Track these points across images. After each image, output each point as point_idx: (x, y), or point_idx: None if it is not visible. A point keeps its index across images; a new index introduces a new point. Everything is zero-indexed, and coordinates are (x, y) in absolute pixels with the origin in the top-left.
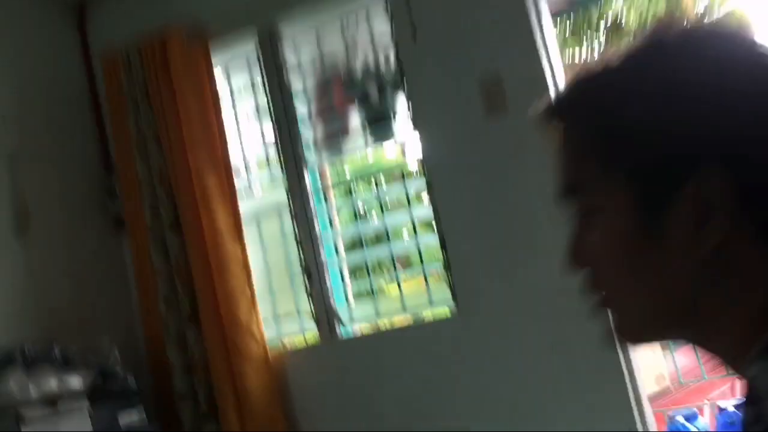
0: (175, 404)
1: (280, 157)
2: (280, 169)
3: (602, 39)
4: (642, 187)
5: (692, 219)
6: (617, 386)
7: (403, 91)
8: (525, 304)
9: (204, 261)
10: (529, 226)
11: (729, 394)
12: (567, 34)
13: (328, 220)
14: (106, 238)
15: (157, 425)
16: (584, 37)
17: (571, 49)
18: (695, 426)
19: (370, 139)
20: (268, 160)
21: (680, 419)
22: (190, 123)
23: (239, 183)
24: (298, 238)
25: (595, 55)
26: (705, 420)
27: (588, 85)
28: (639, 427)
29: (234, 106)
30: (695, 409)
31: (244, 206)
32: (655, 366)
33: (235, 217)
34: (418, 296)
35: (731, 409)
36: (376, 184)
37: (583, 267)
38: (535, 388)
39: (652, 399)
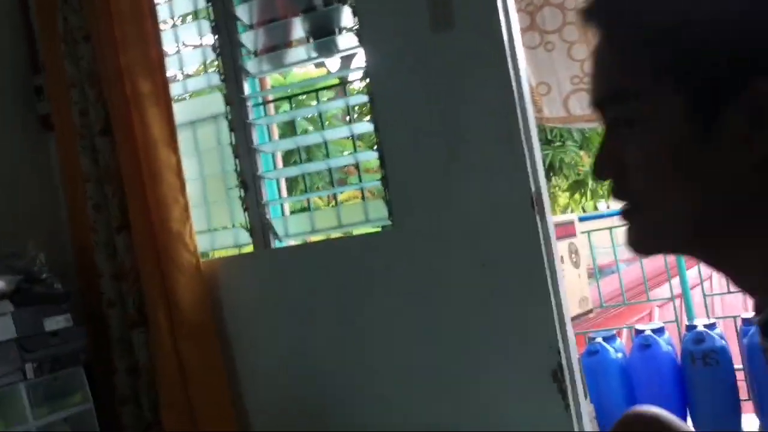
0: (103, 310)
1: (219, 64)
2: (218, 77)
3: None
4: (696, 94)
5: (746, 124)
6: (542, 305)
7: (350, 3)
8: (460, 222)
9: (135, 167)
10: (468, 145)
11: (647, 319)
12: None
13: (267, 132)
14: (33, 140)
15: (84, 330)
16: None
17: None
18: (612, 347)
19: (313, 52)
20: (206, 66)
21: (599, 340)
22: (123, 23)
23: (175, 88)
24: (235, 149)
25: None
26: (622, 341)
27: None
28: (560, 345)
29: (172, 9)
30: (614, 332)
31: (180, 113)
32: (579, 290)
33: (169, 123)
34: (354, 211)
35: (648, 332)
36: (317, 98)
37: (614, 176)
38: (462, 304)
39: (575, 321)
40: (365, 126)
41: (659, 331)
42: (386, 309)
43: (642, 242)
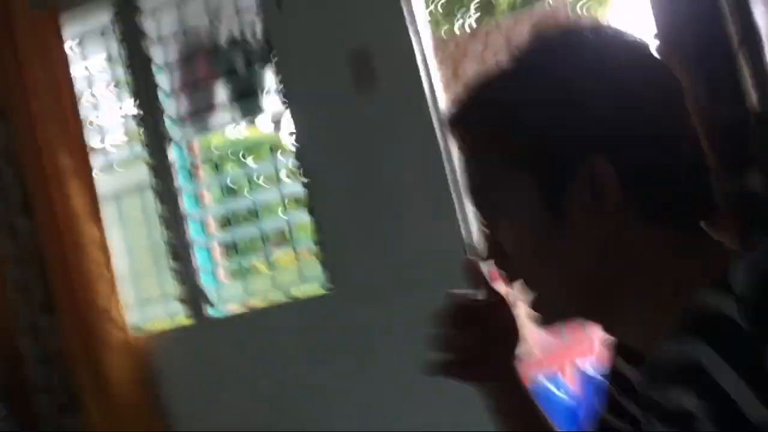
0: (31, 397)
1: (141, 133)
2: (141, 146)
3: (473, 17)
4: (541, 180)
5: (588, 200)
6: None
7: (271, 64)
8: (396, 279)
9: (57, 244)
10: (399, 201)
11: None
12: (439, 11)
13: (195, 198)
14: None
15: (13, 420)
16: (456, 14)
17: (443, 26)
18: (555, 386)
19: (237, 114)
20: (128, 136)
21: (542, 381)
22: (39, 97)
23: (97, 161)
24: (162, 218)
25: (467, 32)
26: (568, 381)
27: (485, 91)
28: None
29: (90, 81)
30: (558, 373)
31: (104, 185)
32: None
33: (91, 197)
34: (290, 274)
35: (590, 370)
36: (244, 160)
37: (499, 265)
38: (404, 360)
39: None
40: (295, 187)
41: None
42: (332, 372)
43: (540, 319)
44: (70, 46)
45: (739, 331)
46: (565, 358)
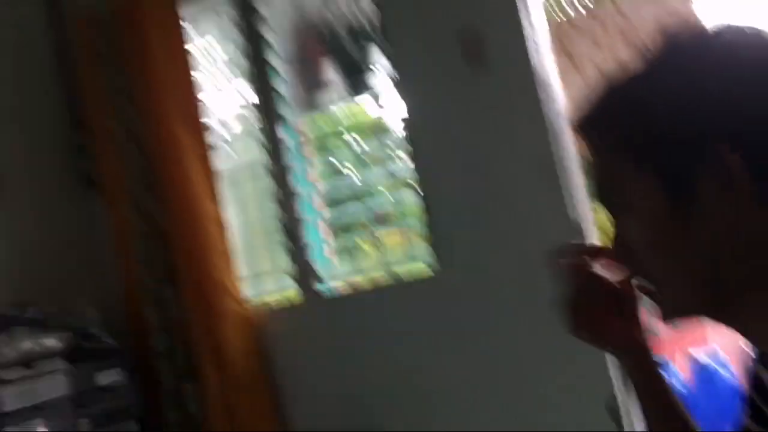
0: (154, 364)
1: (256, 114)
2: (256, 126)
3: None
4: (670, 173)
5: (715, 189)
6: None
7: (381, 42)
8: (503, 263)
9: (179, 220)
10: (509, 182)
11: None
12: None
13: (306, 176)
14: (78, 197)
15: (136, 385)
16: None
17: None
18: (673, 377)
19: (346, 92)
20: (242, 115)
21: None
22: (162, 80)
23: (215, 140)
24: (275, 196)
25: (583, 13)
26: (680, 370)
27: (613, 92)
28: (618, 391)
29: (208, 62)
30: (670, 361)
31: (221, 164)
32: None
33: (210, 175)
34: (397, 254)
35: (706, 360)
36: (355, 140)
37: (626, 261)
38: (516, 342)
39: None
40: (403, 167)
41: (716, 358)
42: (439, 351)
43: (668, 317)
44: (188, 26)
45: None
46: (678, 346)
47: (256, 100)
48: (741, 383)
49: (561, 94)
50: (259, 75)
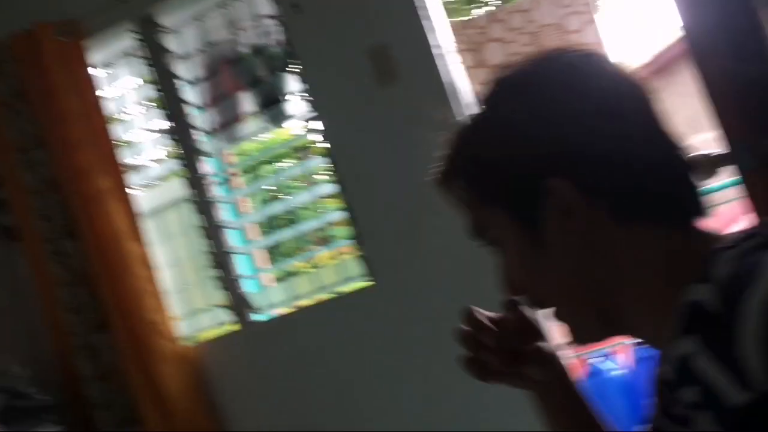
0: (92, 415)
1: (174, 148)
2: (177, 161)
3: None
4: (514, 209)
5: (558, 218)
6: None
7: (294, 68)
8: (436, 270)
9: (104, 264)
10: (432, 189)
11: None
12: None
13: (233, 206)
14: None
15: None
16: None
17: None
18: (613, 365)
19: (265, 121)
20: (162, 152)
21: (597, 360)
22: (73, 123)
23: (134, 179)
24: (202, 229)
25: (485, 18)
26: (623, 358)
27: (455, 144)
28: None
29: (121, 102)
30: (609, 349)
31: (144, 203)
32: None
33: (132, 216)
34: (333, 273)
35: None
36: (279, 165)
37: (520, 292)
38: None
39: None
40: (329, 187)
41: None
42: (382, 365)
43: (574, 338)
44: (97, 70)
45: (716, 318)
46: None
47: (176, 136)
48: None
49: (469, 92)
50: (178, 112)
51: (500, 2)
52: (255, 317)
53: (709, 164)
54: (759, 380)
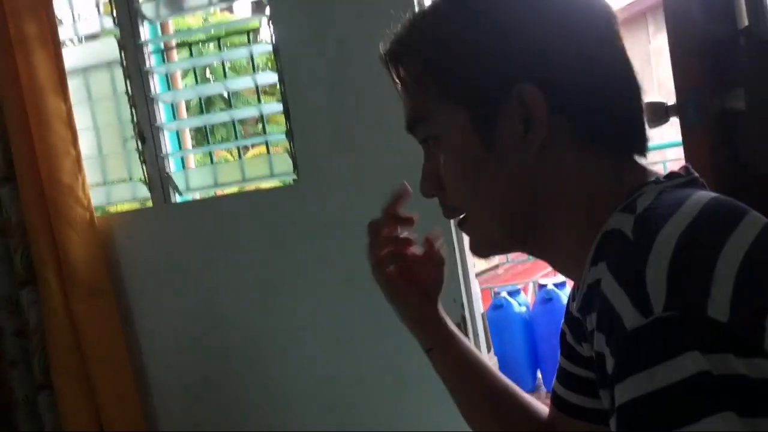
0: None
1: (113, 6)
2: (113, 20)
3: None
4: (473, 107)
5: (517, 125)
6: (448, 259)
7: None
8: (366, 175)
9: (21, 115)
10: (373, 100)
11: (551, 274)
12: None
13: (168, 81)
14: None
15: None
16: None
17: None
18: (516, 301)
19: None
20: (99, 8)
21: (504, 294)
22: None
23: (65, 31)
24: (131, 98)
25: None
26: (526, 296)
27: (418, 25)
28: (464, 299)
29: None
30: (519, 287)
31: (71, 58)
32: None
33: (58, 69)
34: (260, 167)
35: (550, 286)
36: (221, 46)
37: (437, 193)
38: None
39: (482, 275)
40: (270, 77)
41: (561, 285)
42: (291, 263)
43: (476, 248)
44: None
45: (628, 244)
46: (528, 275)
47: None
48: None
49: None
50: None
51: None
52: (172, 197)
53: (657, 111)
54: (658, 307)
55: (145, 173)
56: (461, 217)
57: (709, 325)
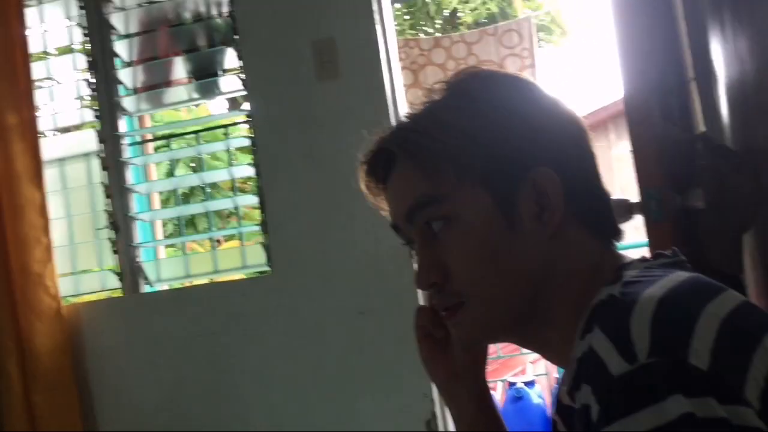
0: None
1: (94, 100)
2: (93, 113)
3: (438, 29)
4: (495, 188)
5: (535, 204)
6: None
7: (235, 46)
8: (339, 270)
9: None
10: (349, 194)
11: (521, 373)
12: (406, 24)
13: (143, 172)
14: None
15: None
16: (421, 25)
17: (409, 36)
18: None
19: (195, 93)
20: (81, 101)
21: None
22: None
23: (45, 122)
24: (106, 189)
25: (430, 41)
26: (496, 394)
27: (427, 113)
28: (435, 394)
29: (45, 41)
30: (489, 385)
31: (49, 148)
32: None
33: (35, 158)
34: (233, 258)
35: (520, 385)
36: (198, 140)
37: (439, 281)
38: (339, 351)
39: None
40: (246, 170)
41: (530, 384)
42: (261, 354)
43: (470, 336)
44: (27, 6)
45: (615, 304)
46: (498, 375)
47: (98, 88)
48: (551, 409)
49: (404, 107)
50: (104, 64)
51: (443, 28)
52: (143, 288)
53: (621, 208)
54: (641, 354)
55: (117, 263)
56: (453, 305)
57: (691, 372)
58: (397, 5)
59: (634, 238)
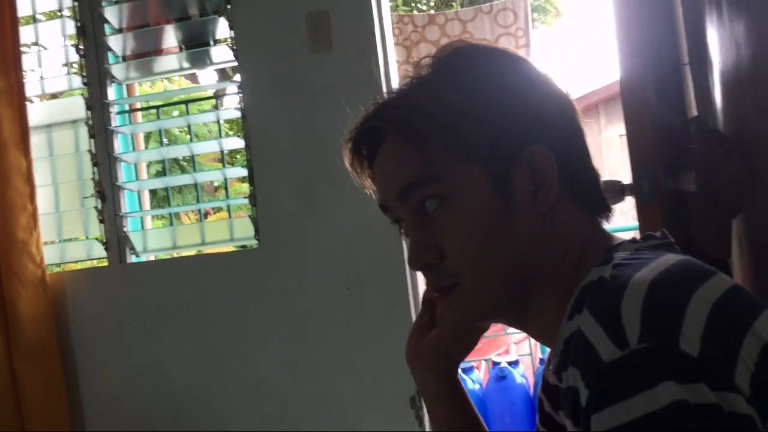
0: None
1: (82, 67)
2: (81, 79)
3: (432, 6)
4: (491, 166)
5: (529, 185)
6: (405, 331)
7: (227, 15)
8: (327, 245)
9: None
10: (339, 167)
11: (505, 354)
12: (400, 0)
13: (131, 141)
14: None
15: None
16: (415, 2)
17: (402, 12)
18: (470, 378)
19: (185, 62)
20: (69, 67)
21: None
22: None
23: (32, 87)
24: (94, 157)
25: (424, 18)
26: (480, 374)
27: (420, 90)
28: None
29: (34, 4)
30: (472, 364)
31: (36, 114)
32: None
33: (21, 124)
34: (220, 230)
35: (504, 364)
36: (188, 110)
37: (437, 257)
38: (325, 326)
39: None
40: (235, 142)
41: (514, 363)
42: (246, 328)
43: (465, 316)
44: None
45: (605, 287)
46: (482, 354)
47: (85, 55)
48: (534, 389)
49: (397, 81)
50: (94, 30)
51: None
52: (129, 258)
53: (613, 189)
54: (632, 340)
55: (103, 232)
56: (448, 285)
57: (682, 358)
58: None
59: (622, 222)
